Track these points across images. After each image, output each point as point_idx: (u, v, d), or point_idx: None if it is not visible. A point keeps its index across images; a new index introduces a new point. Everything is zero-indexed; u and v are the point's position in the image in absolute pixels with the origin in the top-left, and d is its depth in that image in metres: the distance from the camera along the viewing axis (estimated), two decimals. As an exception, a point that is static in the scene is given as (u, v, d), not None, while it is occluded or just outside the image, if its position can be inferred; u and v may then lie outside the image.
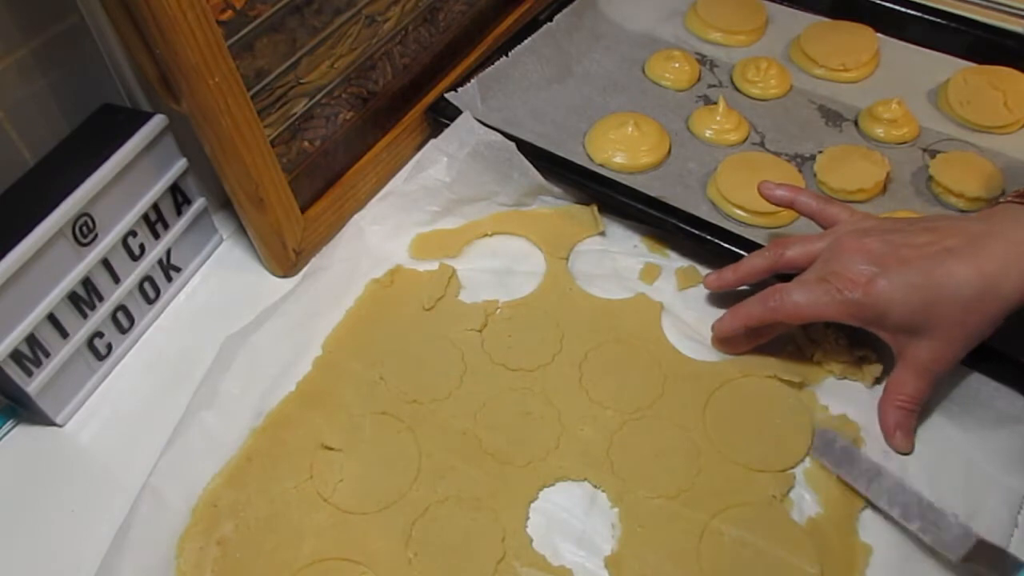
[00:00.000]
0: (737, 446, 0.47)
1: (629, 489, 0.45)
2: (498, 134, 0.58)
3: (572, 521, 0.44)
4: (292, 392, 0.50)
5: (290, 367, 0.51)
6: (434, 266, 0.56)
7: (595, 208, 0.59)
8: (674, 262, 0.57)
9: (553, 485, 0.46)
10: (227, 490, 0.46)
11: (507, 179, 0.59)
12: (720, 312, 0.52)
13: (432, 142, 0.61)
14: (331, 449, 0.47)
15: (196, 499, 0.45)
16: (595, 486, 0.46)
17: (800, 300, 0.46)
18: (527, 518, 0.44)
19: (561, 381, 0.50)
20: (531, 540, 0.43)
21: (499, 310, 0.54)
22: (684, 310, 0.54)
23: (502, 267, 0.57)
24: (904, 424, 0.46)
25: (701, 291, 0.55)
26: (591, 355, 0.51)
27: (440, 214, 0.60)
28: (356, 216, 0.59)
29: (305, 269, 0.57)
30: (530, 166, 0.58)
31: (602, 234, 0.59)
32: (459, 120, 0.60)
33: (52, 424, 0.49)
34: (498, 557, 0.42)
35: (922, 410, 0.47)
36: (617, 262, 0.57)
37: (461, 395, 0.50)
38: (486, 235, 0.59)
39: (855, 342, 0.50)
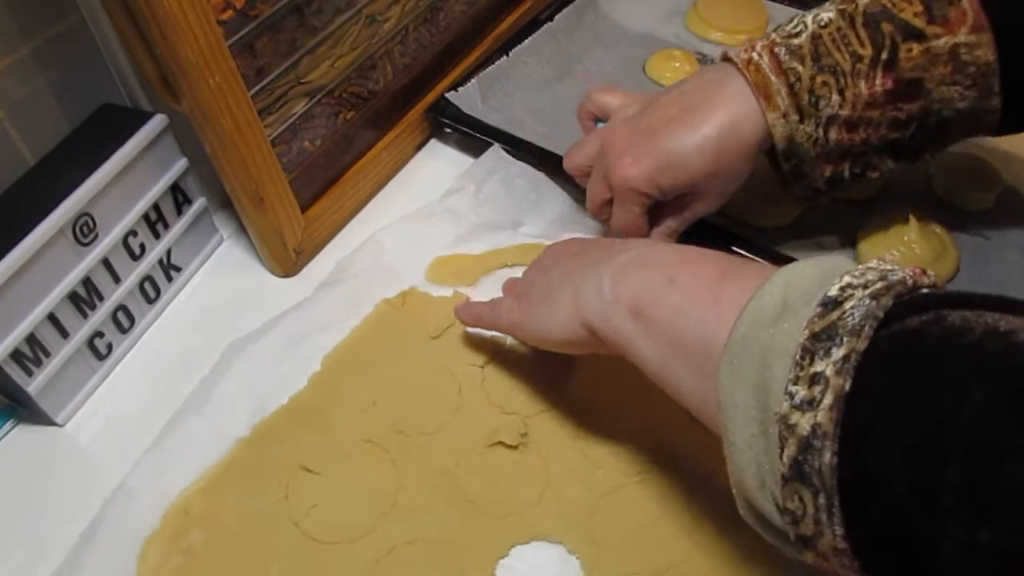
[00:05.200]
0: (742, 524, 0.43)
1: (606, 561, 0.42)
2: (524, 165, 0.58)
3: None
4: (284, 405, 0.48)
5: (287, 380, 0.50)
6: (448, 292, 0.54)
7: None
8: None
9: (527, 543, 0.43)
10: (202, 499, 0.44)
11: (535, 209, 0.58)
12: None
13: (467, 169, 0.60)
14: (310, 471, 0.46)
15: (169, 504, 0.44)
16: (570, 551, 0.42)
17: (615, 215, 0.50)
18: (492, 575, 0.42)
19: (557, 432, 0.47)
20: None
21: (506, 346, 0.51)
22: None
23: None
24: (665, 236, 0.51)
25: None
26: (596, 407, 0.47)
27: (463, 238, 0.57)
28: (379, 231, 0.57)
29: (321, 280, 0.56)
30: (563, 195, 0.57)
31: None
32: (488, 152, 0.60)
33: (52, 424, 0.49)
34: None
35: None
36: None
37: (451, 431, 0.47)
38: (506, 265, 0.56)
39: None
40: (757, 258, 0.52)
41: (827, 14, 0.45)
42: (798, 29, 0.45)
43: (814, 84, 0.44)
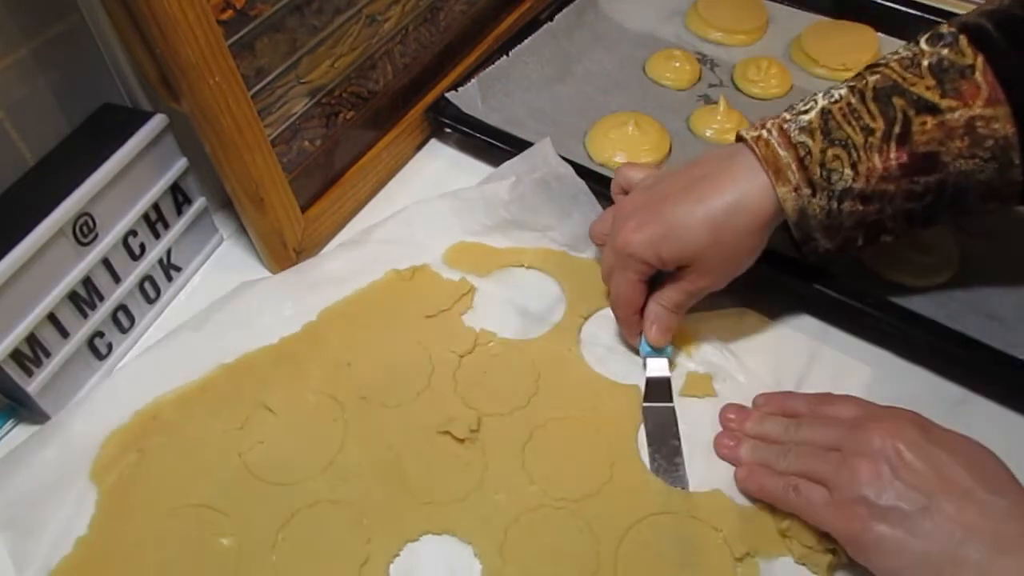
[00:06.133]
0: None
1: (506, 574, 0.42)
2: (571, 168, 0.57)
3: None
4: (273, 344, 0.51)
5: (284, 322, 0.52)
6: (458, 277, 0.55)
7: None
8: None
9: (439, 535, 0.43)
10: (172, 408, 0.48)
11: (567, 217, 0.57)
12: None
13: (514, 159, 0.59)
14: (270, 410, 0.48)
15: (144, 405, 0.48)
16: (476, 555, 0.43)
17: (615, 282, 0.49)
18: (396, 555, 0.43)
19: (506, 437, 0.47)
20: None
21: (491, 343, 0.52)
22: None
23: (519, 303, 0.54)
24: (661, 321, 0.48)
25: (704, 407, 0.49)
26: (551, 425, 0.48)
27: (490, 229, 0.58)
28: (413, 204, 0.58)
29: (347, 238, 0.58)
30: (598, 210, 0.56)
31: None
32: (538, 144, 0.58)
33: (52, 424, 0.49)
34: None
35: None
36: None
37: (408, 410, 0.48)
38: (522, 265, 0.56)
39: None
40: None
41: (838, 91, 0.45)
42: (808, 106, 0.45)
43: (825, 158, 0.44)
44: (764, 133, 0.45)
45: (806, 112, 0.45)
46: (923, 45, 0.44)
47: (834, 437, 0.42)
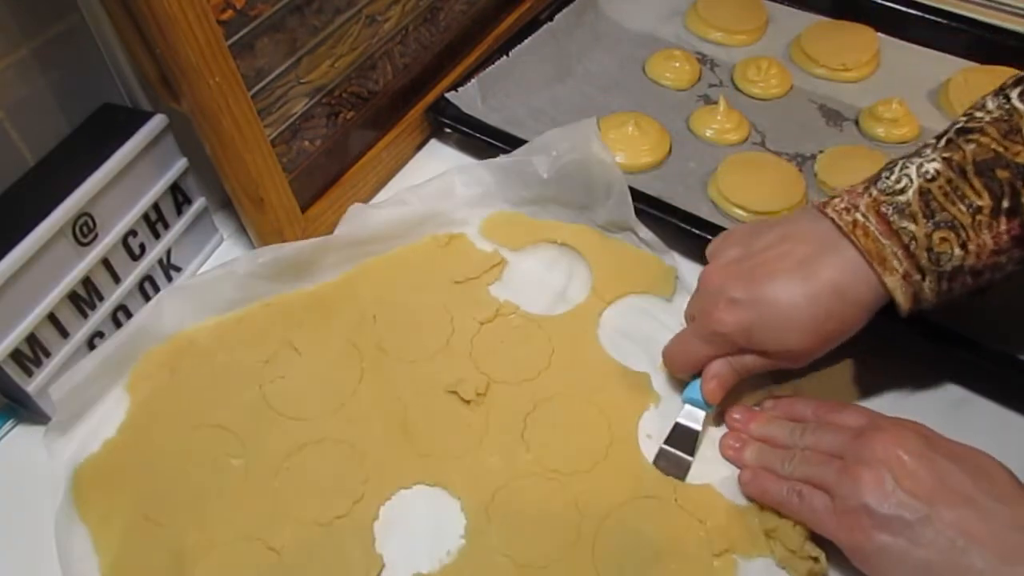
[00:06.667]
0: (624, 569, 0.42)
1: (489, 535, 0.44)
2: (612, 155, 0.56)
3: (417, 526, 0.44)
4: (309, 289, 0.55)
5: (324, 270, 0.55)
6: (491, 248, 0.57)
7: (675, 272, 0.55)
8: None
9: (432, 486, 0.46)
10: (208, 335, 0.52)
11: (601, 203, 0.56)
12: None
13: (557, 131, 0.57)
14: (295, 349, 0.51)
15: (181, 329, 0.51)
16: (462, 510, 0.44)
17: (691, 350, 0.47)
18: (388, 498, 0.45)
19: (511, 405, 0.49)
20: (376, 517, 0.45)
21: (512, 315, 0.53)
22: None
23: (547, 280, 0.56)
24: (723, 379, 0.46)
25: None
26: (556, 399, 0.49)
27: (529, 201, 0.59)
28: (452, 170, 0.59)
29: (395, 196, 0.58)
30: (629, 204, 0.55)
31: (668, 300, 0.54)
32: (583, 123, 0.57)
33: (52, 424, 0.49)
34: (339, 513, 0.44)
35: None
36: (653, 333, 0.52)
37: (422, 368, 0.51)
38: (555, 242, 0.57)
39: (815, 538, 0.42)
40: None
41: (932, 165, 0.42)
42: (902, 185, 0.42)
43: (931, 242, 0.41)
44: (859, 218, 0.42)
45: (902, 192, 0.42)
46: (1017, 103, 0.42)
47: (838, 444, 0.42)
